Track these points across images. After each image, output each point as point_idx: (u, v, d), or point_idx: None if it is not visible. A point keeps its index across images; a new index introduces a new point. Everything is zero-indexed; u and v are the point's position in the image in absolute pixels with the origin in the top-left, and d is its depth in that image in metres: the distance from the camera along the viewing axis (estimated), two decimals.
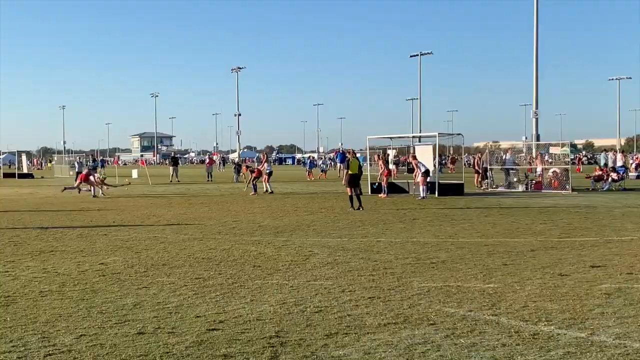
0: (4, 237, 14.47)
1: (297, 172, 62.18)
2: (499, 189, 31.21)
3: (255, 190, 29.03)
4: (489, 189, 31.41)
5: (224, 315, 7.09)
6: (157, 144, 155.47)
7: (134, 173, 41.81)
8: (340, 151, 51.57)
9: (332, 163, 59.17)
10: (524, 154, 39.92)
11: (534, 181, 31.38)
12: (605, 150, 59.64)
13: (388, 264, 10.35)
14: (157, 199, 27.05)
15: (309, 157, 67.36)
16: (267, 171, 30.32)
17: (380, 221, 17.23)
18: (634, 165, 47.46)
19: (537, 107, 46.06)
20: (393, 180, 30.19)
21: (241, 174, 43.83)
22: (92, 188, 28.99)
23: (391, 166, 38.75)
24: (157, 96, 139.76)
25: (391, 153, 45.49)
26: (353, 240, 13.28)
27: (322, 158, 76.32)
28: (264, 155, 32.77)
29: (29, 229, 16.16)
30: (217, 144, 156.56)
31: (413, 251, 11.78)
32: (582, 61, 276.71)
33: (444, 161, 68.37)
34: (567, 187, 29.36)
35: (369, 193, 27.34)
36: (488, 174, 32.64)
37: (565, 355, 5.64)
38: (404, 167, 54.57)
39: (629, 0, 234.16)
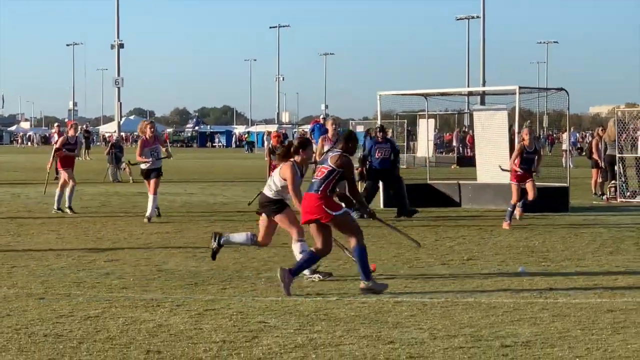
0: None
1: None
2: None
3: None
4: (620, 199, 22.58)
5: None
6: None
7: None
8: (318, 121, 34.94)
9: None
10: None
11: None
12: None
13: (416, 348, 7.41)
14: None
15: (374, 130, 39.39)
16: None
17: (394, 252, 12.57)
18: None
19: None
20: (429, 182, 22.64)
21: (124, 167, 27.98)
22: None
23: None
24: None
25: (427, 125, 33.91)
26: (348, 299, 9.89)
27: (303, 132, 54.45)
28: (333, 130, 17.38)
29: None
30: (74, 104, 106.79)
31: (469, 323, 8.72)
32: None
33: (544, 140, 57.26)
34: None
35: (382, 207, 20.00)
36: (616, 168, 23.12)
37: None
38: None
39: None
